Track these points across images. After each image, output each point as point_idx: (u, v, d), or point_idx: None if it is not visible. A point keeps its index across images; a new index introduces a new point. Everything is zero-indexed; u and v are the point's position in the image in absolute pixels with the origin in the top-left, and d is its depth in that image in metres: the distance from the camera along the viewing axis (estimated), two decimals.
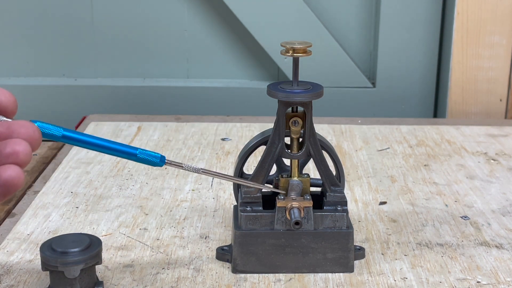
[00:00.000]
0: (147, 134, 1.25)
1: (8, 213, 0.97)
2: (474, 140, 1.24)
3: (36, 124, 0.62)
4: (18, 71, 1.48)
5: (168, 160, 0.70)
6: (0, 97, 0.62)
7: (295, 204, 0.77)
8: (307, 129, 0.78)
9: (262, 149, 0.81)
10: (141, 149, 0.70)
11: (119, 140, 1.21)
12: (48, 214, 0.94)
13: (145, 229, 0.90)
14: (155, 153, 0.70)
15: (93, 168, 1.10)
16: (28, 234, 0.88)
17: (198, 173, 0.73)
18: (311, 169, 1.01)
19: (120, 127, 1.28)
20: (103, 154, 1.15)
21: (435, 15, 1.44)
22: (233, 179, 0.79)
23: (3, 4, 1.44)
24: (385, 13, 1.43)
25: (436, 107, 1.51)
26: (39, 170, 1.22)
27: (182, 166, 0.72)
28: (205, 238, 0.88)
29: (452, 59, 1.41)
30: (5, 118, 0.61)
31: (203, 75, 1.51)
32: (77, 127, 1.31)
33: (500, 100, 1.43)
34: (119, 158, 1.13)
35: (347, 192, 1.01)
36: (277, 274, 0.79)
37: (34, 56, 1.48)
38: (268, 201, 0.81)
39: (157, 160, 0.70)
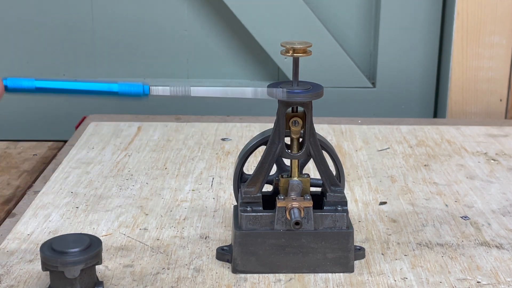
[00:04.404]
0: (147, 134, 1.25)
1: (8, 213, 0.97)
2: (474, 140, 1.24)
3: (6, 81, 0.60)
4: (18, 71, 1.48)
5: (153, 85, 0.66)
6: None
7: (295, 204, 0.77)
8: (307, 129, 0.78)
9: (262, 149, 0.81)
10: (122, 83, 0.66)
11: (119, 141, 1.21)
12: (48, 214, 0.94)
13: (145, 229, 0.90)
14: (137, 84, 0.66)
15: (93, 168, 1.10)
16: (28, 234, 0.88)
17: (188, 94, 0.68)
18: (311, 169, 1.01)
19: (120, 127, 1.28)
20: (103, 154, 1.15)
21: (435, 15, 1.44)
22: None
23: (3, 4, 1.44)
24: (385, 13, 1.43)
25: (436, 107, 1.51)
26: (39, 170, 1.22)
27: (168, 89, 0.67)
28: (205, 238, 0.88)
29: (452, 59, 1.40)
30: None
31: (203, 75, 1.51)
32: (77, 127, 1.31)
33: (500, 100, 1.43)
34: (119, 159, 1.13)
35: (347, 192, 1.01)
36: (277, 274, 0.79)
37: (34, 56, 1.47)
38: (268, 201, 0.81)
39: (140, 90, 0.66)
